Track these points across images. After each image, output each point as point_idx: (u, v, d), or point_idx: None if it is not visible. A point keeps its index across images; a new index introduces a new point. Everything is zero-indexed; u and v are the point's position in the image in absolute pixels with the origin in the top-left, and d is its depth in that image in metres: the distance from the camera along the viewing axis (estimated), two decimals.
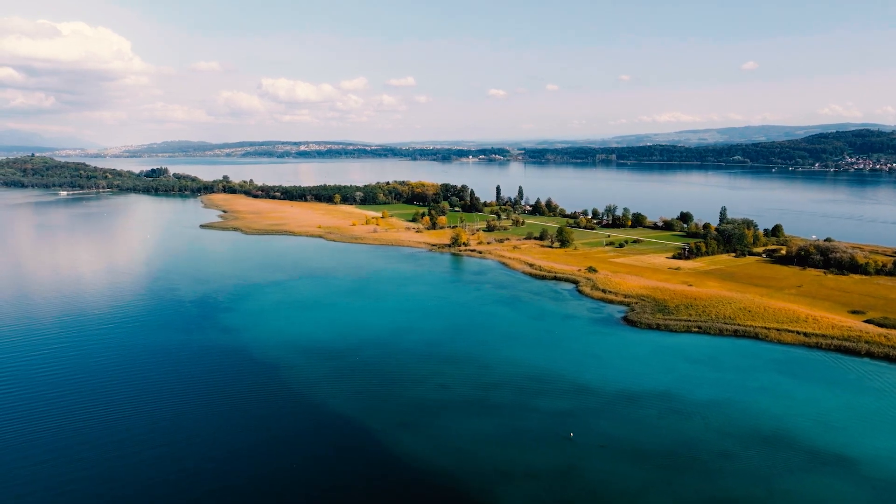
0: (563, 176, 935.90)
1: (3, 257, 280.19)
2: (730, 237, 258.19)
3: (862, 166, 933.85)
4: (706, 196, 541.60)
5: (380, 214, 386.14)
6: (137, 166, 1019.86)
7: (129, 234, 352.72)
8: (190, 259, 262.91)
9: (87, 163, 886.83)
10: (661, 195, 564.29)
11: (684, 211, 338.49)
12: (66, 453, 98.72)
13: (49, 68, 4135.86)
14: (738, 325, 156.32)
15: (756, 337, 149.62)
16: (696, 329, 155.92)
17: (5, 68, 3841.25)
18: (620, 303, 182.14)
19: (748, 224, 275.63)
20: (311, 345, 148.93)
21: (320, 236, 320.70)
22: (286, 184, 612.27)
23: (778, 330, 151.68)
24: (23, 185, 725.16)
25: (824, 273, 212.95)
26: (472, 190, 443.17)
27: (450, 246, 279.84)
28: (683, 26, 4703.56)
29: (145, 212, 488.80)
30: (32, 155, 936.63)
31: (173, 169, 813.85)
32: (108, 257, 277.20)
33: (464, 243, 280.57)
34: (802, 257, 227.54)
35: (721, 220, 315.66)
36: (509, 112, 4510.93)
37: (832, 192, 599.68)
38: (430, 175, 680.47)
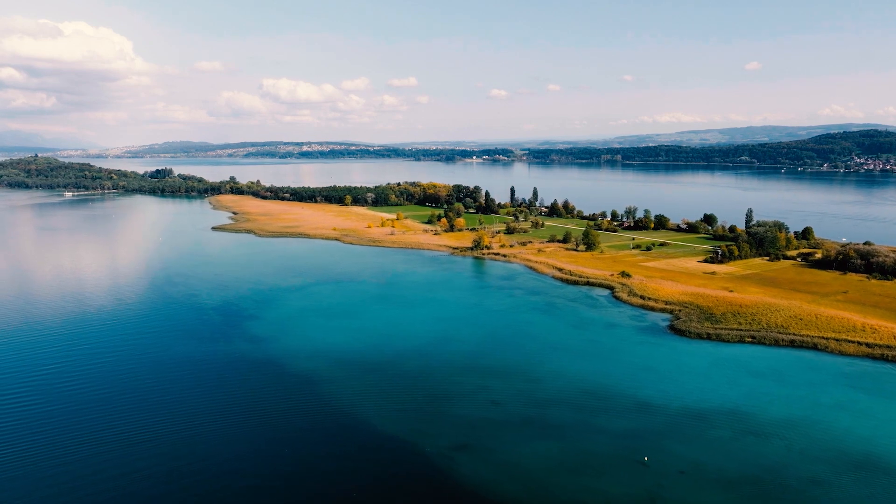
0: (570, 177, 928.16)
1: (12, 262, 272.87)
2: (762, 240, 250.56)
3: (872, 167, 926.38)
4: (721, 197, 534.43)
5: (394, 216, 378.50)
6: (139, 167, 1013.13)
7: (141, 237, 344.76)
8: (207, 263, 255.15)
9: (89, 163, 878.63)
10: (674, 196, 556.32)
11: (707, 213, 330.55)
12: (84, 470, 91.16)
13: (51, 68, 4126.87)
14: (794, 334, 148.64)
15: (815, 348, 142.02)
16: (750, 339, 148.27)
17: (7, 68, 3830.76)
18: (662, 310, 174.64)
19: (779, 226, 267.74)
20: (346, 356, 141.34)
21: (336, 239, 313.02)
22: (292, 185, 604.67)
23: (837, 340, 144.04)
24: (27, 186, 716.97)
25: (867, 278, 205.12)
26: (486, 191, 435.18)
27: (472, 249, 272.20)
28: (686, 27, 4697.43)
29: (154, 213, 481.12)
30: (36, 156, 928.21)
31: (177, 170, 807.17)
32: (122, 261, 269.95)
33: (486, 246, 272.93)
34: (842, 261, 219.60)
35: (747, 222, 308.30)
36: (510, 112, 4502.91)
37: (849, 194, 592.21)
38: (433, 176, 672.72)
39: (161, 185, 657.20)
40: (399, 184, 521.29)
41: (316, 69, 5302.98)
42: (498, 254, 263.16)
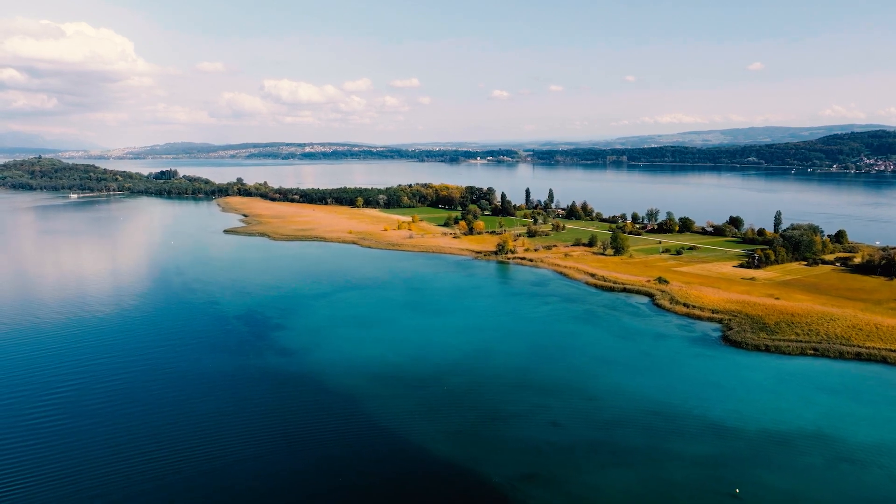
0: (577, 178, 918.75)
1: (21, 267, 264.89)
2: (798, 244, 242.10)
3: (883, 168, 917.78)
4: (735, 199, 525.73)
5: (410, 219, 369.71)
6: (142, 168, 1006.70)
7: (153, 240, 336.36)
8: (224, 268, 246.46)
9: (94, 165, 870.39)
10: (687, 198, 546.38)
11: (732, 215, 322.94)
12: (108, 495, 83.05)
13: (52, 69, 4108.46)
14: (859, 346, 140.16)
15: (884, 361, 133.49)
16: (812, 351, 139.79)
17: (8, 69, 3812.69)
18: (710, 319, 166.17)
19: (813, 230, 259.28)
20: (385, 370, 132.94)
21: (354, 242, 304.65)
22: (298, 186, 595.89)
23: None
24: (31, 188, 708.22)
25: None
26: (503, 193, 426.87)
27: (496, 253, 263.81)
28: (687, 27, 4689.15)
29: (162, 216, 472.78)
30: (39, 157, 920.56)
31: (181, 171, 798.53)
32: (136, 267, 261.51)
33: (510, 251, 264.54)
34: (886, 266, 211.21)
35: (776, 224, 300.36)
36: (511, 113, 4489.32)
37: (866, 195, 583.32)
38: (438, 177, 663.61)
39: (167, 186, 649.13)
40: (411, 185, 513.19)
41: (317, 70, 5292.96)
42: (524, 258, 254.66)
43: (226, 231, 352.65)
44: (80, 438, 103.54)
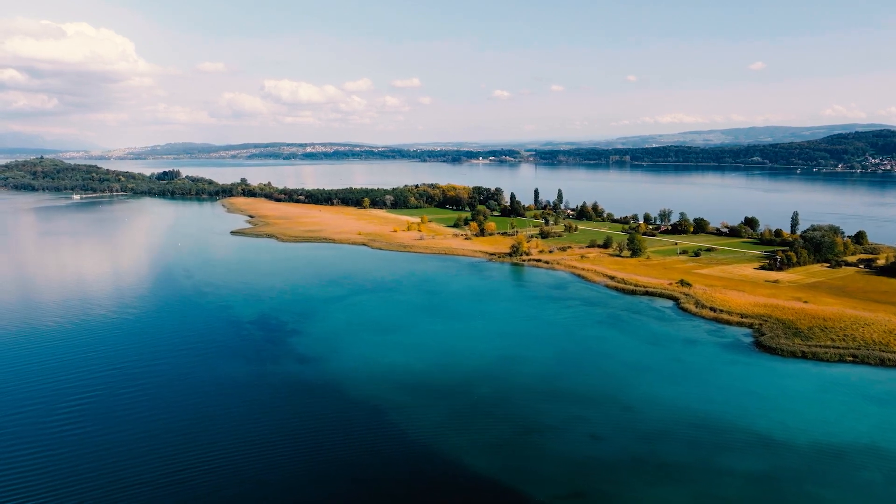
0: (581, 178, 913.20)
1: (27, 270, 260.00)
2: (819, 245, 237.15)
3: (889, 167, 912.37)
4: (743, 199, 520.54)
5: (418, 220, 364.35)
6: (143, 168, 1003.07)
7: (159, 242, 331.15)
8: (233, 270, 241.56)
9: (96, 165, 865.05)
10: (694, 198, 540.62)
11: (747, 216, 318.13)
12: None
13: (52, 70, 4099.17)
14: None
15: None
16: (851, 358, 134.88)
17: (8, 70, 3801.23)
18: (739, 323, 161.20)
19: (834, 231, 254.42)
20: (409, 378, 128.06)
21: (364, 244, 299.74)
22: (301, 186, 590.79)
23: None
24: (33, 189, 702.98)
25: None
26: (512, 193, 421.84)
27: (510, 255, 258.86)
28: (688, 27, 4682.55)
29: (167, 217, 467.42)
30: (41, 157, 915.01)
31: (183, 171, 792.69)
32: (144, 269, 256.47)
33: (525, 252, 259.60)
34: None
35: (793, 225, 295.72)
36: (511, 113, 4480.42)
37: (875, 196, 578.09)
38: (440, 177, 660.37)
39: (170, 187, 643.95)
40: (417, 186, 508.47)
41: (318, 70, 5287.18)
42: (539, 260, 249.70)
43: (233, 232, 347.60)
44: (88, 446, 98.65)
